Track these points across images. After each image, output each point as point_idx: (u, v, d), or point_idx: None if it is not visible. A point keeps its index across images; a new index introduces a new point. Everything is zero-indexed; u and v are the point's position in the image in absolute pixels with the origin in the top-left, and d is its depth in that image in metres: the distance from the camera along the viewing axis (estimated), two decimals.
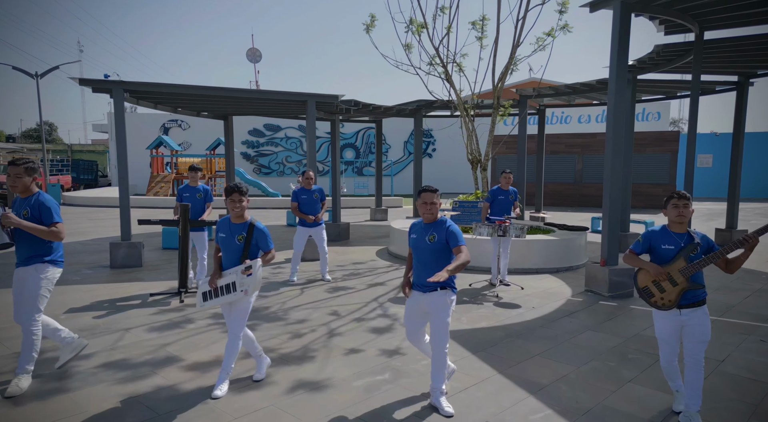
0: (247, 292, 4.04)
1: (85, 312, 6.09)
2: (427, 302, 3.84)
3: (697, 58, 8.89)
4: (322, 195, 7.91)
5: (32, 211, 3.98)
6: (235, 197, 4.09)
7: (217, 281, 4.14)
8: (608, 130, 7.43)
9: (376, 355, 4.86)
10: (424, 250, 3.82)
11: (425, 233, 3.83)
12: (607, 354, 4.96)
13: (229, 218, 4.22)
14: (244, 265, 4.08)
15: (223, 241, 4.18)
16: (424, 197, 3.82)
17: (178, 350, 4.91)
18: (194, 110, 12.49)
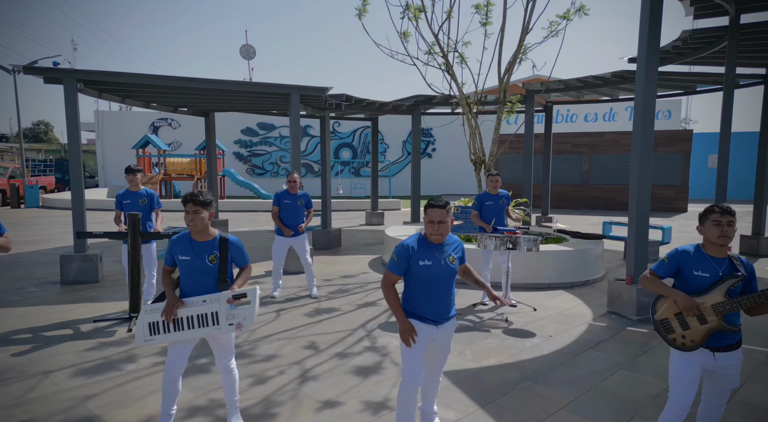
0: (242, 326, 3.11)
1: (4, 347, 5.00)
2: (442, 336, 3.21)
3: (733, 44, 7.82)
4: (308, 202, 6.85)
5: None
6: (189, 207, 3.10)
7: (178, 311, 3.15)
8: (636, 126, 6.37)
9: (358, 410, 3.78)
10: (441, 277, 3.11)
11: (439, 255, 3.08)
12: (650, 407, 3.88)
13: (188, 234, 3.20)
14: (230, 292, 3.15)
15: (187, 265, 3.19)
16: (432, 214, 3.00)
17: (101, 406, 3.82)
18: (170, 105, 11.40)
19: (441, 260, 3.08)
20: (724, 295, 2.74)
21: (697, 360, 2.82)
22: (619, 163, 20.87)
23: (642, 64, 6.17)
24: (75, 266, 7.50)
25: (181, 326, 3.14)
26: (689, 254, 2.86)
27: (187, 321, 3.14)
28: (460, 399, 3.99)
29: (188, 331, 3.14)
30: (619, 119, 26.46)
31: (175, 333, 3.16)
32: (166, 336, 3.19)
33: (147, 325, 3.24)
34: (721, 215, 2.76)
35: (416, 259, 3.06)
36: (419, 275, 3.08)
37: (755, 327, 5.83)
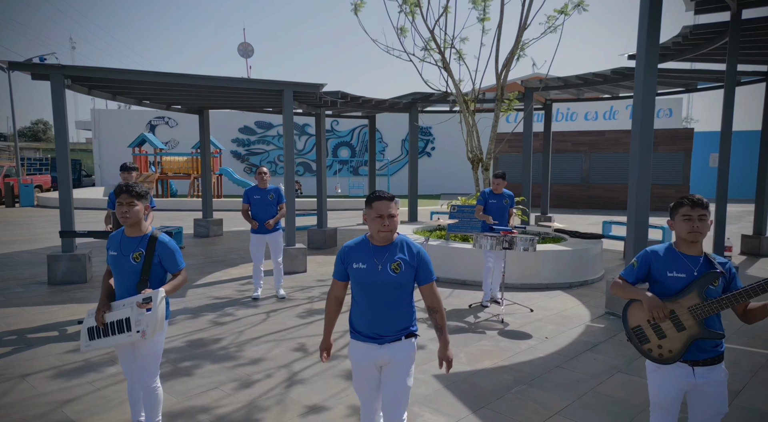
0: (145, 333, 2.86)
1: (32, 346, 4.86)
2: (387, 357, 2.64)
3: (734, 40, 7.66)
4: (279, 197, 6.63)
5: None
6: (124, 199, 2.94)
7: (105, 316, 2.98)
8: (635, 123, 6.24)
9: (344, 416, 3.64)
10: (381, 285, 2.59)
11: (381, 259, 2.60)
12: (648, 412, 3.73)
13: (123, 229, 3.04)
14: (141, 295, 2.91)
15: (113, 261, 3.01)
16: (378, 207, 2.56)
17: (79, 411, 3.67)
18: (162, 102, 11.24)
19: (386, 266, 2.59)
20: (701, 296, 2.46)
21: (675, 379, 2.52)
22: (620, 162, 20.72)
23: (641, 61, 6.02)
24: (63, 266, 7.35)
25: (107, 331, 2.97)
26: (659, 255, 2.59)
27: (110, 326, 2.96)
28: (452, 403, 3.85)
29: (111, 337, 2.95)
30: (620, 117, 26.28)
31: (104, 338, 2.98)
32: (99, 341, 3.01)
33: (86, 330, 3.08)
34: (692, 208, 2.49)
35: (345, 262, 2.68)
36: (356, 281, 2.65)
37: (756, 328, 5.68)
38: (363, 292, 2.64)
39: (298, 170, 29.36)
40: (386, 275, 2.59)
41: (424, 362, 4.65)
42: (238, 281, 7.83)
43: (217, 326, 5.63)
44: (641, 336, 2.60)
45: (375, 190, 2.69)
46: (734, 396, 3.94)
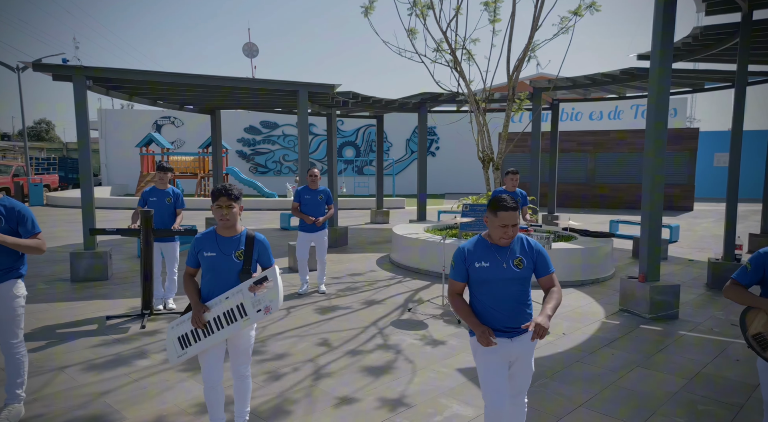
0: (270, 309, 2.99)
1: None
2: (519, 348, 2.79)
3: (745, 40, 7.75)
4: (328, 197, 6.89)
5: (7, 221, 3.36)
6: (222, 201, 3.02)
7: (204, 316, 3.05)
8: (649, 123, 6.33)
9: (375, 407, 3.76)
10: (506, 280, 2.73)
11: (503, 257, 2.75)
12: (669, 404, 3.85)
13: (214, 230, 3.13)
14: (251, 279, 3.03)
15: (212, 262, 3.08)
16: (503, 217, 2.67)
17: (118, 401, 3.80)
18: (176, 102, 11.38)
19: (510, 262, 2.75)
20: None
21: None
22: (625, 161, 20.81)
23: (656, 61, 6.14)
24: (85, 264, 7.48)
25: (210, 330, 3.04)
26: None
27: (215, 323, 3.03)
28: (478, 395, 3.96)
29: (219, 333, 3.03)
30: (625, 117, 26.35)
31: (206, 338, 3.05)
32: (198, 344, 3.07)
33: (177, 340, 3.14)
34: None
35: (466, 261, 2.79)
36: (478, 278, 2.77)
37: None
38: (491, 290, 2.75)
39: None
40: (510, 272, 2.73)
41: (446, 357, 4.77)
42: None
43: None
44: (763, 342, 2.60)
45: (499, 196, 2.71)
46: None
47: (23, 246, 3.35)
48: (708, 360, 4.76)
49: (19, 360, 3.48)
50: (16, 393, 3.48)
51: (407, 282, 7.81)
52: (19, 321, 3.47)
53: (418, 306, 6.44)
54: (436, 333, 5.46)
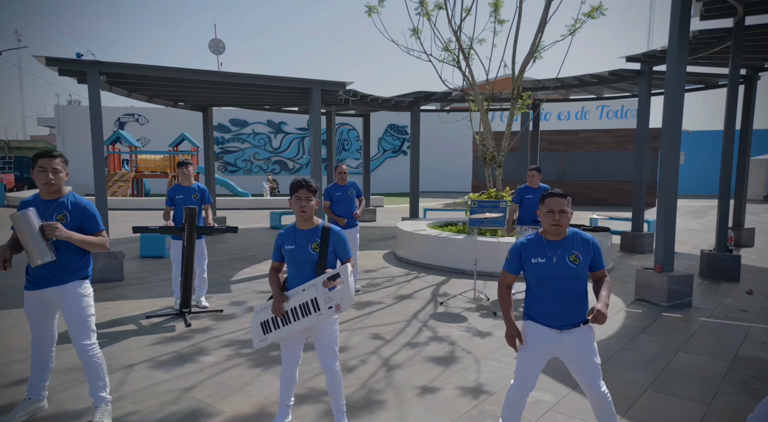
0: (340, 307, 3.02)
1: (68, 343, 4.85)
2: (570, 342, 2.86)
3: (738, 43, 8.29)
4: (358, 191, 6.86)
5: (72, 218, 3.28)
6: (301, 193, 3.08)
7: (284, 306, 3.12)
8: (665, 120, 6.69)
9: (458, 396, 3.89)
10: (559, 277, 2.82)
11: (555, 252, 2.84)
12: (726, 385, 4.15)
13: (294, 224, 3.19)
14: (325, 275, 3.06)
15: (291, 254, 3.14)
16: (550, 203, 2.81)
17: (207, 396, 3.80)
18: (171, 99, 11.15)
19: (564, 258, 2.82)
20: None
21: None
22: (594, 160, 21.64)
23: (672, 64, 6.50)
24: (100, 264, 7.27)
25: (288, 320, 3.12)
26: None
27: (292, 313, 3.11)
28: (548, 382, 4.16)
29: (294, 324, 3.10)
30: (591, 117, 27.38)
31: (284, 327, 3.14)
32: (276, 332, 3.16)
33: (259, 326, 3.23)
34: None
35: (518, 254, 2.91)
36: (533, 273, 2.88)
37: None
38: (542, 285, 2.87)
39: (275, 168, 29.21)
40: (566, 268, 2.82)
41: (498, 347, 4.95)
42: None
43: None
44: None
45: (548, 188, 2.90)
46: None
47: (89, 243, 3.27)
48: (738, 343, 5.13)
49: (97, 363, 3.36)
50: (101, 396, 3.39)
51: (424, 278, 7.96)
52: (90, 322, 3.36)
53: (449, 300, 6.61)
54: (478, 325, 5.63)
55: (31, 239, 3.08)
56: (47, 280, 3.27)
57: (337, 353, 3.25)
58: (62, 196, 3.31)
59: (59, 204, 3.29)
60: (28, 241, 3.08)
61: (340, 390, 3.29)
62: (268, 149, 29.37)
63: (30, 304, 3.33)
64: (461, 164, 27.58)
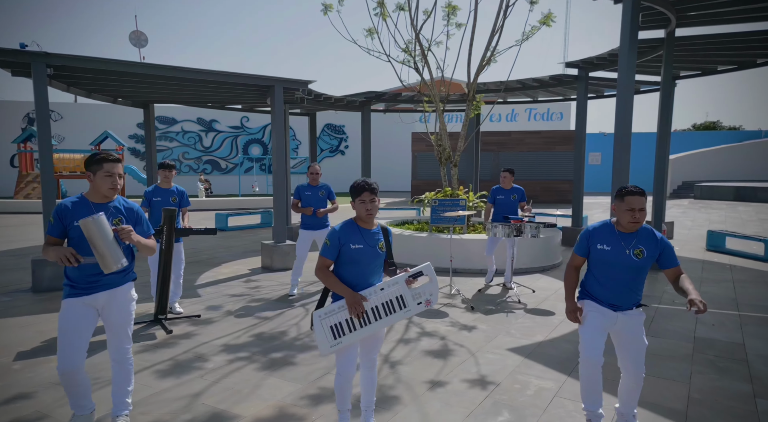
0: (431, 302, 3.13)
1: (46, 356, 4.52)
2: (624, 323, 3.17)
3: (669, 52, 9.06)
4: (330, 193, 6.79)
5: (127, 221, 3.21)
6: (365, 196, 3.09)
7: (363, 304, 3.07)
8: (618, 121, 7.21)
9: (467, 388, 4.03)
10: (623, 266, 3.08)
11: (626, 245, 3.08)
12: (696, 365, 4.57)
13: (352, 222, 3.17)
14: (404, 274, 3.12)
15: (359, 253, 3.10)
16: (632, 202, 3.01)
17: (218, 402, 3.70)
18: (112, 94, 10.54)
19: (628, 251, 3.07)
20: None
21: None
22: (525, 160, 22.68)
23: (623, 71, 7.02)
24: (50, 271, 6.78)
25: (368, 320, 3.08)
26: None
27: (373, 313, 3.08)
28: (545, 370, 4.39)
29: (376, 323, 3.08)
30: (520, 119, 28.66)
31: (363, 328, 3.08)
32: (354, 334, 3.08)
33: (330, 330, 3.09)
34: None
35: (592, 242, 3.15)
36: (599, 259, 3.13)
37: (743, 296, 6.91)
38: (605, 270, 3.11)
39: (206, 168, 28.22)
40: (629, 259, 3.07)
41: (488, 340, 5.15)
42: (238, 278, 7.75)
43: (267, 321, 5.67)
44: None
45: (627, 185, 3.12)
46: None
47: (147, 246, 3.21)
48: (692, 327, 5.63)
49: (130, 367, 3.29)
50: (126, 402, 3.28)
51: None
52: (131, 327, 3.30)
53: None
54: (460, 319, 5.81)
55: (106, 245, 2.92)
56: (101, 284, 3.13)
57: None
58: (113, 199, 3.21)
59: (114, 208, 3.18)
60: (103, 246, 2.91)
61: (374, 386, 3.33)
62: (198, 148, 28.32)
63: (72, 313, 3.09)
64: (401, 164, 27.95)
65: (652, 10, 8.16)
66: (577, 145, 11.59)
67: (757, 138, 31.74)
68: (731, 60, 11.34)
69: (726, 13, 8.33)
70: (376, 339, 3.28)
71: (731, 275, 8.33)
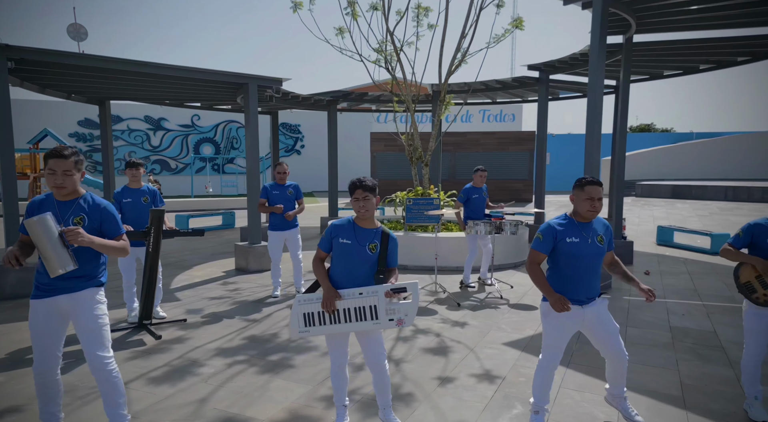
0: (403, 322, 3.03)
1: (29, 367, 4.25)
2: (593, 315, 3.25)
3: (628, 57, 9.48)
4: (298, 192, 6.66)
5: (90, 221, 2.99)
6: (359, 194, 3.07)
7: (336, 303, 3.04)
8: (588, 125, 7.48)
9: (475, 382, 4.09)
10: (591, 255, 3.19)
11: (587, 234, 3.19)
12: (679, 353, 4.82)
13: (350, 219, 3.16)
14: (387, 285, 3.02)
15: (345, 248, 3.09)
16: (592, 191, 3.14)
17: (228, 406, 3.60)
18: (66, 90, 10.00)
19: (592, 239, 3.17)
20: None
21: (765, 315, 3.43)
22: (480, 160, 23.15)
23: (594, 74, 7.29)
24: (12, 278, 6.38)
25: (337, 318, 3.05)
26: (762, 226, 3.49)
27: (344, 313, 3.04)
28: None
29: (344, 324, 3.05)
30: (474, 120, 29.22)
31: (331, 325, 3.06)
32: (321, 328, 3.08)
33: (302, 316, 3.10)
34: None
35: (557, 237, 3.18)
36: (568, 252, 3.17)
37: (705, 287, 7.31)
38: (573, 263, 3.18)
39: (155, 168, 27.21)
40: (594, 247, 3.19)
41: (482, 335, 5.24)
42: (214, 281, 7.54)
43: (256, 323, 5.55)
44: (750, 288, 3.46)
45: (587, 176, 3.22)
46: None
47: (110, 248, 2.98)
48: (665, 317, 5.93)
49: (116, 377, 3.03)
50: (121, 414, 3.07)
51: None
52: (106, 333, 3.04)
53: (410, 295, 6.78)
54: (450, 316, 5.89)
55: (50, 247, 2.73)
56: (59, 288, 2.95)
57: (385, 349, 3.25)
58: (79, 196, 3.01)
59: (77, 206, 2.98)
60: (47, 248, 2.73)
61: (389, 385, 3.28)
62: (146, 148, 27.25)
63: (37, 315, 2.95)
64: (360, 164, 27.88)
65: (616, 16, 8.52)
66: (539, 145, 11.97)
67: (689, 140, 33.75)
68: (678, 65, 12.00)
69: (680, 20, 8.80)
70: (370, 340, 3.17)
71: (686, 267, 8.82)
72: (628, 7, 8.02)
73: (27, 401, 3.65)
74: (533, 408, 3.33)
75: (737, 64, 11.18)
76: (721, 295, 6.91)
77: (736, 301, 6.58)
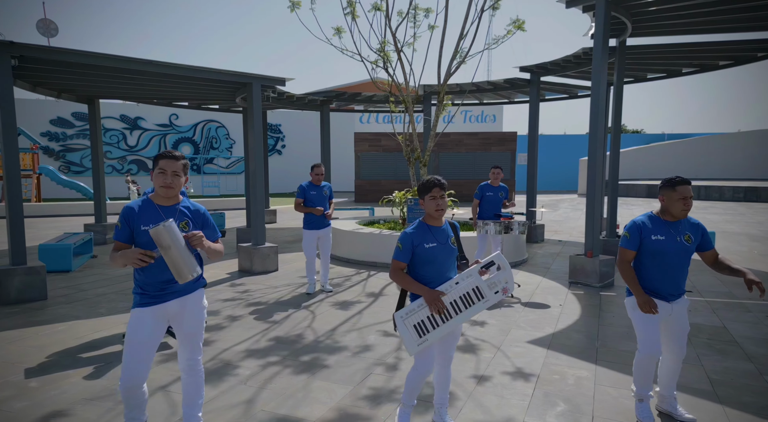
0: (508, 290, 3.15)
1: (61, 372, 4.14)
2: (676, 312, 3.39)
3: (621, 59, 9.72)
4: (331, 192, 6.92)
5: (193, 224, 3.01)
6: (436, 192, 3.11)
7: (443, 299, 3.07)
8: (591, 124, 7.63)
9: (511, 380, 4.15)
10: (676, 253, 3.29)
11: (675, 233, 3.30)
12: (700, 349, 4.93)
13: (422, 223, 3.18)
14: (478, 264, 3.15)
15: (433, 252, 3.12)
16: (683, 190, 3.23)
17: (276, 407, 3.58)
18: (57, 88, 9.74)
19: (680, 238, 3.27)
20: None
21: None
22: (463, 160, 23.39)
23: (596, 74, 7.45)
24: (18, 282, 6.18)
25: (448, 315, 3.08)
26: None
27: (453, 307, 3.08)
28: (571, 360, 4.60)
29: (458, 317, 3.08)
30: (456, 120, 29.40)
31: (445, 324, 3.08)
32: (438, 330, 3.07)
33: (413, 329, 3.07)
34: None
35: (643, 234, 3.30)
36: (654, 249, 3.28)
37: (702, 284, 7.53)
38: (660, 260, 3.30)
39: (132, 168, 26.63)
40: (682, 245, 3.29)
41: (504, 333, 5.31)
42: (221, 283, 7.46)
43: (278, 325, 5.51)
44: None
45: (675, 176, 3.30)
46: None
47: (215, 251, 3.01)
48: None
49: (201, 379, 3.11)
50: (197, 417, 3.10)
51: (377, 275, 8.09)
52: (203, 336, 3.13)
53: None
54: None
55: (180, 253, 2.69)
56: (170, 292, 2.93)
57: None
58: (178, 202, 3.00)
59: (181, 211, 2.97)
60: (177, 255, 2.68)
61: (449, 383, 3.35)
62: (122, 147, 26.63)
63: (144, 324, 2.87)
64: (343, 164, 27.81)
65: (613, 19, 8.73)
66: (530, 145, 12.15)
67: (661, 141, 34.69)
68: (662, 68, 12.34)
69: (673, 25, 9.07)
70: (453, 336, 3.29)
71: None
72: (627, 10, 8.22)
73: (69, 405, 3.57)
74: (637, 397, 3.47)
75: (719, 67, 11.56)
76: (719, 291, 7.13)
77: (735, 297, 6.82)
